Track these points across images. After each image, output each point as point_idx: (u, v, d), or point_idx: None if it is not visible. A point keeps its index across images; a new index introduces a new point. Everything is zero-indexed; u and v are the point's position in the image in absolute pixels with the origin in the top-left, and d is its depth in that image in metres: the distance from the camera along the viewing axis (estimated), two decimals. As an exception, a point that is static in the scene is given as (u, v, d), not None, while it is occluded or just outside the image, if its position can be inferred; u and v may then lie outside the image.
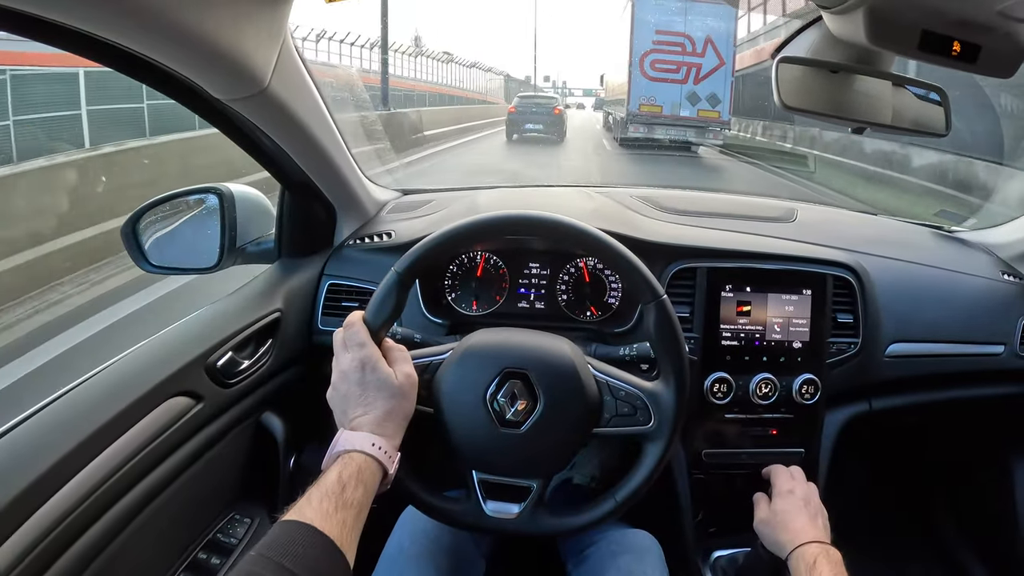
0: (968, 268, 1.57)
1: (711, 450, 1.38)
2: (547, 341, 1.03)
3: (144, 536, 1.01)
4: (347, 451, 0.85)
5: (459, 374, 0.99)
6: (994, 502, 1.71)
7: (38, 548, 0.81)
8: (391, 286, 0.98)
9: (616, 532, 1.19)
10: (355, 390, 0.91)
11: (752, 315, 1.35)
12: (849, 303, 1.40)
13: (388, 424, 0.90)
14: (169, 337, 1.18)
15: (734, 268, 1.36)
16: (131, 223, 1.34)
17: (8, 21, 0.70)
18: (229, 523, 1.25)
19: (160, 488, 1.03)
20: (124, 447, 0.96)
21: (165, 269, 1.39)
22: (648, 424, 0.99)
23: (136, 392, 1.00)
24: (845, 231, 1.61)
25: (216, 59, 0.88)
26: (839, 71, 1.05)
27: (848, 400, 1.45)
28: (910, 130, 1.11)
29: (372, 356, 0.92)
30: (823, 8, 0.94)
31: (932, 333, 1.46)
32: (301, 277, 1.41)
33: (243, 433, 1.26)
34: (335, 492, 0.79)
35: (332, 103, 1.27)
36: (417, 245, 1.00)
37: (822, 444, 1.41)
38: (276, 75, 1.01)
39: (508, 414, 0.96)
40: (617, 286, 1.41)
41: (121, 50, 0.82)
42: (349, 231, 1.52)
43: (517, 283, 1.44)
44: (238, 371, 1.21)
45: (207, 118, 1.07)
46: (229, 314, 1.26)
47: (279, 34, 0.99)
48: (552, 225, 1.03)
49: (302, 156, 1.26)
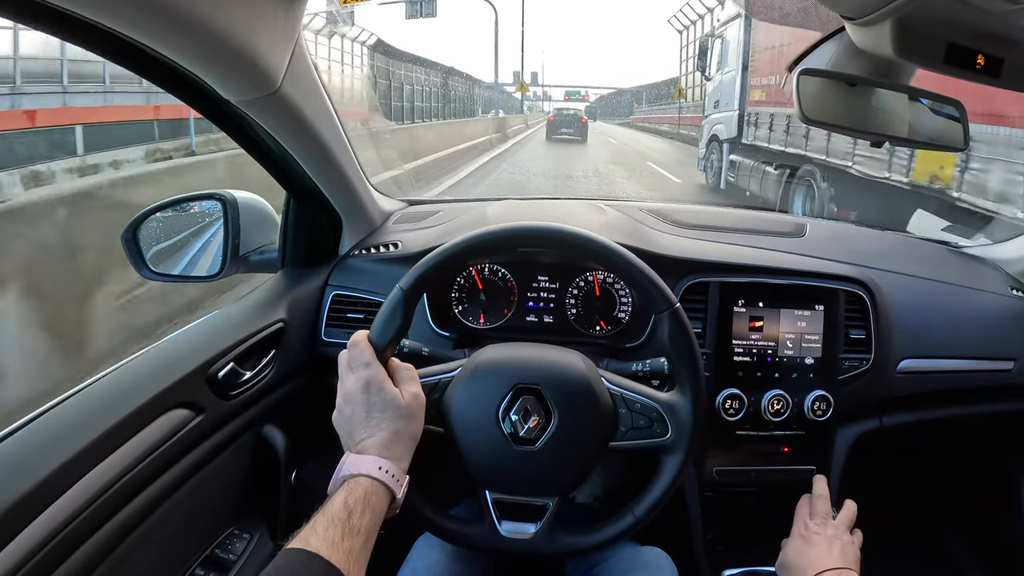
0: (978, 284, 1.56)
1: (722, 467, 1.36)
2: (559, 355, 1.00)
3: (141, 551, 0.97)
4: (353, 475, 0.83)
5: (469, 392, 0.97)
6: (1004, 520, 1.69)
7: (32, 561, 0.78)
8: (396, 303, 0.95)
9: (628, 550, 1.17)
10: (361, 412, 0.89)
11: (764, 331, 1.33)
12: (861, 319, 1.39)
13: (396, 446, 0.88)
14: (169, 346, 1.16)
15: (747, 283, 1.35)
16: (132, 229, 1.32)
17: (16, 9, 0.69)
18: (228, 538, 1.22)
19: (158, 502, 1.00)
20: (122, 459, 0.93)
21: (166, 276, 1.38)
22: (666, 436, 0.97)
23: (135, 402, 0.97)
24: (854, 246, 1.60)
25: (228, 58, 0.86)
26: (857, 84, 1.04)
27: (859, 417, 1.43)
28: (928, 144, 1.10)
29: (377, 376, 0.90)
30: (847, 19, 0.93)
31: (943, 349, 1.45)
32: (305, 287, 1.39)
33: (244, 446, 1.23)
34: (341, 519, 0.77)
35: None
36: (423, 260, 0.98)
37: (833, 462, 1.39)
38: (288, 77, 0.99)
39: (521, 431, 0.94)
40: (627, 300, 1.40)
41: (132, 46, 0.80)
42: (354, 241, 1.51)
43: (526, 296, 1.42)
44: (240, 382, 1.18)
45: (215, 121, 1.06)
46: (231, 324, 1.23)
47: (292, 34, 0.97)
48: (562, 236, 1.01)
49: (310, 162, 1.24)
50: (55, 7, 0.68)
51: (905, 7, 0.81)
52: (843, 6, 0.90)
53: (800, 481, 1.34)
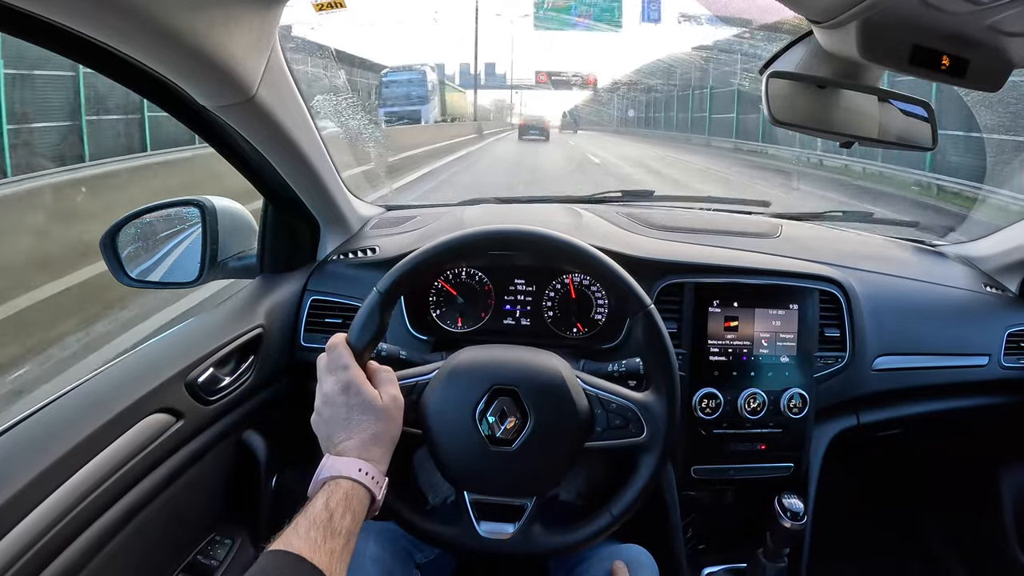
0: (951, 281, 1.59)
1: (700, 466, 1.37)
2: (535, 356, 1.01)
3: (122, 557, 0.97)
4: (333, 477, 0.83)
5: (447, 393, 0.97)
6: (982, 513, 1.72)
7: (10, 572, 0.78)
8: (373, 306, 0.96)
9: (609, 548, 1.17)
10: (339, 414, 0.89)
11: (740, 330, 1.35)
12: (836, 317, 1.40)
13: (375, 448, 0.88)
14: (148, 352, 1.15)
15: (721, 284, 1.36)
16: (110, 235, 1.32)
17: None
18: (210, 544, 1.22)
19: (138, 508, 1.00)
20: (101, 465, 0.92)
21: (144, 283, 1.37)
22: (641, 436, 0.98)
23: (114, 409, 0.97)
24: (829, 246, 1.62)
25: (204, 64, 0.86)
26: (826, 86, 1.05)
27: (836, 414, 1.45)
28: (897, 144, 1.12)
29: (356, 379, 0.90)
30: (814, 23, 0.94)
31: (918, 346, 1.47)
32: (284, 292, 1.39)
33: (224, 452, 1.23)
34: (323, 520, 0.77)
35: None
36: (400, 263, 0.99)
37: (811, 459, 1.41)
38: (264, 83, 0.99)
39: (498, 432, 0.94)
40: (604, 302, 1.41)
41: (105, 50, 0.80)
42: (332, 246, 1.51)
43: (502, 300, 1.43)
44: (219, 388, 1.18)
45: (192, 127, 1.05)
46: (210, 330, 1.23)
47: (268, 41, 0.97)
48: (535, 239, 1.02)
49: (287, 168, 1.24)
50: (29, 13, 0.68)
51: (870, 10, 0.82)
52: (809, 10, 0.91)
53: (779, 479, 1.36)
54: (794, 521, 1.19)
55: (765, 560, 1.25)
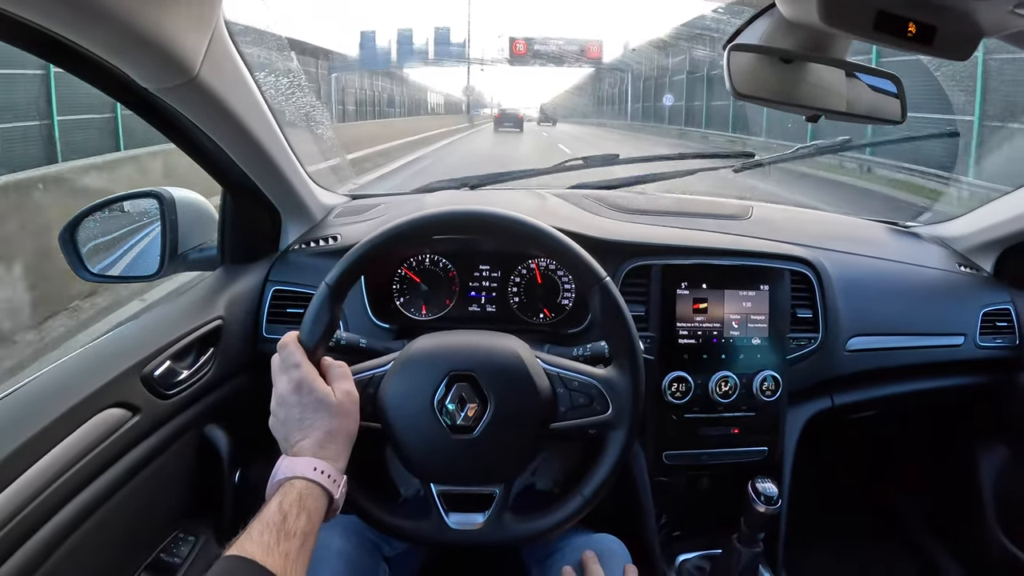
0: (925, 261, 1.58)
1: (672, 452, 1.35)
2: (492, 340, 0.99)
3: (80, 557, 0.94)
4: (287, 478, 0.81)
5: (403, 383, 0.95)
6: (960, 493, 1.71)
7: None
8: (322, 300, 0.94)
9: (580, 538, 1.15)
10: (294, 413, 0.87)
11: (709, 312, 1.33)
12: (808, 298, 1.39)
13: (330, 446, 0.86)
14: (101, 346, 1.12)
15: (689, 265, 1.34)
16: (69, 229, 1.29)
17: None
18: (173, 542, 1.19)
19: (96, 505, 0.97)
20: (54, 462, 0.89)
21: (104, 278, 1.35)
22: (607, 412, 0.96)
23: (66, 403, 0.93)
24: (800, 227, 1.60)
25: (140, 43, 0.82)
26: (793, 60, 1.03)
27: (810, 396, 1.44)
28: (866, 117, 1.10)
29: (307, 376, 0.88)
30: (775, -10, 0.92)
31: (891, 326, 1.46)
32: (245, 283, 1.36)
33: (185, 447, 1.20)
34: (276, 522, 0.75)
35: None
36: (347, 254, 0.96)
37: (785, 443, 1.39)
38: (207, 63, 0.95)
39: (459, 419, 0.92)
40: (571, 287, 1.39)
41: (36, 30, 0.76)
42: (295, 236, 1.48)
43: (467, 286, 1.41)
44: (178, 381, 1.14)
45: (136, 111, 1.01)
46: (167, 322, 1.20)
47: (210, 19, 0.93)
48: (484, 219, 1.00)
49: (241, 154, 1.20)
50: None
51: (830, -27, 0.80)
52: (769, -25, 0.89)
53: (753, 463, 1.34)
54: (768, 505, 1.17)
55: (740, 546, 1.23)
